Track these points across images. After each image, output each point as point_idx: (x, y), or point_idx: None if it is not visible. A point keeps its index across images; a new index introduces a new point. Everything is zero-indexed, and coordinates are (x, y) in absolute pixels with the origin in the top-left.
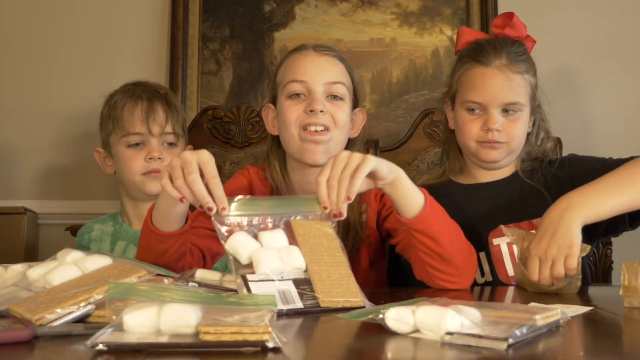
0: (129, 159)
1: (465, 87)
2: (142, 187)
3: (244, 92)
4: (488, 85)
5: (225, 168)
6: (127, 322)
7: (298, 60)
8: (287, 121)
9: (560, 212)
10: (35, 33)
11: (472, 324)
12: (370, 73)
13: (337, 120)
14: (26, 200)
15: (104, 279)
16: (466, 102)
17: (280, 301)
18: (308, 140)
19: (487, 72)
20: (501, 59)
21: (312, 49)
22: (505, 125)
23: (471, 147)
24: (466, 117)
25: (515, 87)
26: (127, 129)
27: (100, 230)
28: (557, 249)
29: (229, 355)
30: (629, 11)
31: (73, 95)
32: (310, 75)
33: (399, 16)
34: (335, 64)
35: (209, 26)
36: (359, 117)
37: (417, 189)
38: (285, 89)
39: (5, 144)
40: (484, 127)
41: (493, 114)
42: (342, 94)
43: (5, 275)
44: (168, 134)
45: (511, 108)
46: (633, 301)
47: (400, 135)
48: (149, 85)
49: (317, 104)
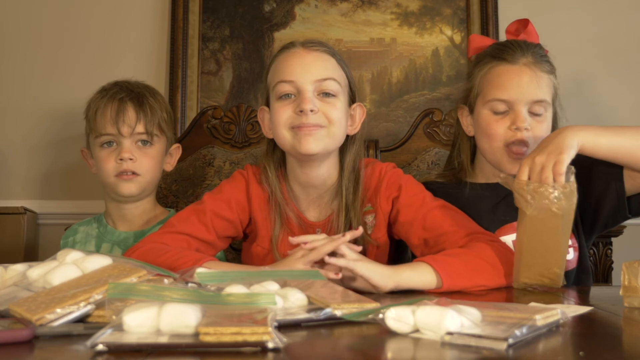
0: (102, 160)
1: (490, 86)
2: (115, 188)
3: (244, 92)
4: (515, 82)
5: (225, 168)
6: (127, 322)
7: (286, 60)
8: (277, 122)
9: (558, 131)
10: (35, 33)
11: (472, 324)
12: (370, 73)
13: (330, 118)
14: (26, 200)
15: (104, 279)
16: (491, 102)
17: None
18: (299, 135)
19: (514, 69)
20: (527, 57)
21: (300, 45)
22: (532, 125)
23: (497, 152)
24: (491, 117)
25: (543, 85)
26: (99, 130)
27: (85, 232)
28: (547, 156)
29: (229, 356)
30: (629, 11)
31: (73, 95)
32: (299, 74)
33: (399, 16)
34: (324, 59)
35: (209, 26)
36: (358, 112)
37: (423, 271)
38: (274, 90)
39: (5, 144)
40: (512, 126)
41: (521, 112)
42: (335, 91)
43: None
44: (140, 134)
45: (538, 108)
46: (633, 301)
47: (400, 135)
48: (126, 85)
49: (306, 103)
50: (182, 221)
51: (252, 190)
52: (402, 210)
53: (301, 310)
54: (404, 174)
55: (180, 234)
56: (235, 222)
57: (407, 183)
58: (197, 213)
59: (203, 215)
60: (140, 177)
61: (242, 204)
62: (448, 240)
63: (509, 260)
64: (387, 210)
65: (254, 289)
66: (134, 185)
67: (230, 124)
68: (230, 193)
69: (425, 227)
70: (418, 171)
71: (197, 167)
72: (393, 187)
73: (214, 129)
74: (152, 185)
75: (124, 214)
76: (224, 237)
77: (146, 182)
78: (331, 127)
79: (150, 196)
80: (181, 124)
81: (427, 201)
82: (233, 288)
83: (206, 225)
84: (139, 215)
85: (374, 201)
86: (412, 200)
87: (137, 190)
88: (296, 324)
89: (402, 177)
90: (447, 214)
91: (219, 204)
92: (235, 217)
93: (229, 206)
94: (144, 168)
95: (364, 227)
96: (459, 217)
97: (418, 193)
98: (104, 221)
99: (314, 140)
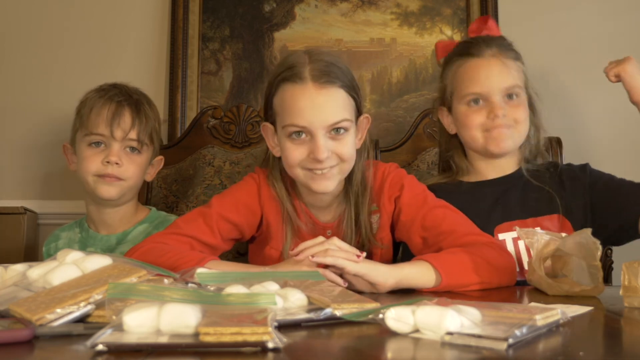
0: (86, 158)
1: (462, 82)
2: (94, 188)
3: (244, 92)
4: (485, 74)
5: (225, 168)
6: (127, 322)
7: (296, 100)
8: (290, 162)
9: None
10: (35, 33)
11: (472, 324)
12: (370, 73)
13: (342, 155)
14: (26, 200)
15: (104, 279)
16: (466, 96)
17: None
18: (314, 177)
19: (481, 62)
20: (492, 48)
21: (310, 79)
22: (509, 111)
23: (478, 138)
24: (468, 110)
25: (512, 71)
26: (91, 129)
27: (67, 237)
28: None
29: (229, 356)
30: (629, 11)
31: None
32: (311, 119)
33: (399, 16)
34: (336, 98)
35: (209, 26)
36: (364, 123)
37: (422, 268)
38: (284, 129)
39: (5, 144)
40: (490, 114)
41: (496, 101)
42: (346, 127)
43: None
44: (131, 140)
45: (512, 92)
46: (633, 301)
47: (400, 135)
48: (124, 89)
49: (320, 153)
50: (188, 223)
51: (265, 194)
52: (403, 209)
53: (301, 310)
54: (406, 174)
55: (184, 236)
56: (241, 225)
57: (409, 183)
58: (203, 215)
59: (209, 218)
60: (123, 182)
61: (252, 207)
62: (447, 239)
63: (507, 261)
64: (391, 210)
65: (254, 289)
66: (114, 189)
67: (230, 124)
68: (240, 196)
69: (425, 226)
70: (418, 171)
71: (197, 167)
72: (395, 187)
73: (214, 129)
74: (132, 192)
75: (104, 218)
76: (228, 239)
77: (128, 187)
78: (343, 165)
79: (131, 201)
80: (181, 124)
81: (428, 201)
82: (233, 288)
83: (211, 228)
84: (119, 220)
85: (377, 201)
86: (413, 200)
87: (116, 195)
88: (296, 324)
89: (405, 177)
90: (447, 214)
91: (226, 207)
92: (242, 220)
93: (237, 209)
94: (128, 174)
95: (369, 227)
96: (459, 218)
97: (420, 193)
98: (85, 225)
99: (328, 181)
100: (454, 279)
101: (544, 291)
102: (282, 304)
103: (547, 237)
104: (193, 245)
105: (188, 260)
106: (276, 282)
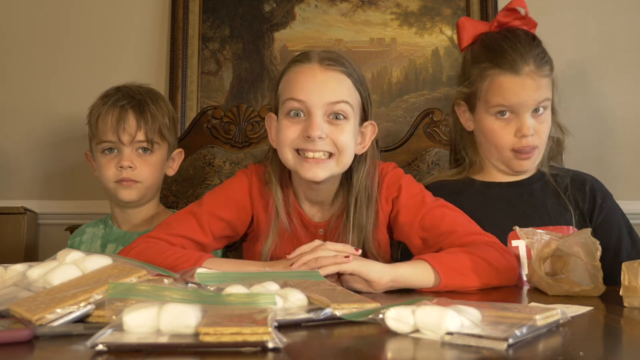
0: (103, 166)
1: (493, 94)
2: (115, 194)
3: (244, 92)
4: (519, 92)
5: (225, 168)
6: (127, 322)
7: (299, 75)
8: (282, 141)
9: None
10: (36, 33)
11: (472, 324)
12: (370, 73)
13: (338, 144)
14: (26, 200)
15: (104, 279)
16: (495, 107)
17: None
18: (304, 162)
19: (517, 80)
20: (529, 64)
21: (317, 60)
22: (536, 128)
23: (505, 155)
24: (495, 123)
25: (544, 87)
26: (100, 137)
27: (92, 233)
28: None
29: (229, 356)
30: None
31: (73, 96)
32: (310, 94)
33: (399, 16)
34: (339, 80)
35: (209, 26)
36: (369, 130)
37: (420, 268)
38: (284, 105)
39: (6, 144)
40: (517, 133)
41: (525, 119)
42: (346, 113)
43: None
44: (140, 142)
45: (540, 106)
46: (633, 301)
47: (400, 135)
48: (128, 91)
49: (314, 130)
50: (179, 222)
51: (256, 191)
52: (401, 210)
53: (301, 310)
54: (404, 174)
55: (175, 236)
56: (234, 223)
57: (407, 183)
58: (194, 214)
59: (200, 217)
60: (140, 183)
61: (243, 204)
62: (447, 239)
63: (507, 261)
64: (388, 211)
65: (254, 289)
66: (134, 191)
67: (230, 124)
68: (231, 193)
69: (424, 227)
70: (418, 171)
71: (197, 167)
72: (393, 188)
73: (214, 129)
74: (152, 191)
75: (129, 218)
76: (220, 237)
77: (146, 189)
78: (339, 157)
79: (153, 200)
80: (181, 124)
81: (427, 201)
82: (233, 288)
83: (202, 226)
84: (142, 219)
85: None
86: (411, 201)
87: (137, 197)
88: (296, 324)
89: (402, 178)
90: (446, 214)
91: (218, 204)
92: (233, 217)
93: (229, 206)
94: (143, 175)
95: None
96: (459, 217)
97: (418, 193)
98: (109, 222)
99: (318, 168)
100: (453, 279)
101: (544, 291)
102: (282, 304)
103: (547, 237)
104: (184, 245)
105: (185, 260)
106: (276, 282)
